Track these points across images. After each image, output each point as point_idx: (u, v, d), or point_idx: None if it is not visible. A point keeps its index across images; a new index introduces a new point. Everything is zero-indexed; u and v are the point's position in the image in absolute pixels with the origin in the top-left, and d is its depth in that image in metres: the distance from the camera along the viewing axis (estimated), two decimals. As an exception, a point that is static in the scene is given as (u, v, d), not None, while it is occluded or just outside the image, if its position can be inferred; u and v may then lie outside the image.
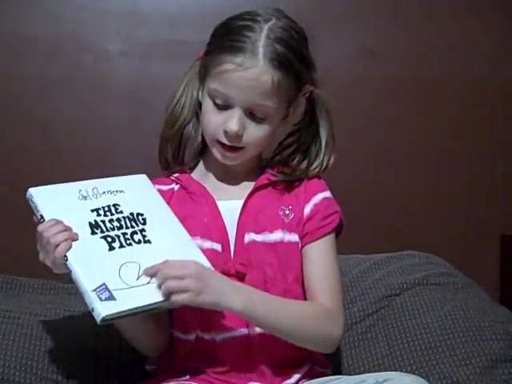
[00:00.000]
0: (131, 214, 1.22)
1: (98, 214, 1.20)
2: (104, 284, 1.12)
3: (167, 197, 1.30)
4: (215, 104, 1.25)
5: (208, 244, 1.26)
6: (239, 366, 1.25)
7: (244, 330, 1.24)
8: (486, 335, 1.46)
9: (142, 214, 1.23)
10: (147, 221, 1.23)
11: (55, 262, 1.14)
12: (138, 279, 1.15)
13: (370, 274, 1.65)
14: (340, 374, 1.34)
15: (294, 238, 1.29)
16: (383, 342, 1.50)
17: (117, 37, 1.96)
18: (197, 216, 1.28)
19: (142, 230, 1.21)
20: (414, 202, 2.06)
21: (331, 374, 1.31)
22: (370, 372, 1.42)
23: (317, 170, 1.32)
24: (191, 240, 1.23)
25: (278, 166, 1.34)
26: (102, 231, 1.18)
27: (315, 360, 1.30)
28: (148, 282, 1.15)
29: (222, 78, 1.23)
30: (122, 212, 1.22)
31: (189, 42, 1.92)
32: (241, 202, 1.29)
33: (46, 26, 1.93)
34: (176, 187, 1.34)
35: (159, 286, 1.14)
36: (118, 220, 1.21)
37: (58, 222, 1.14)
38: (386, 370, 1.42)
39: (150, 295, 1.14)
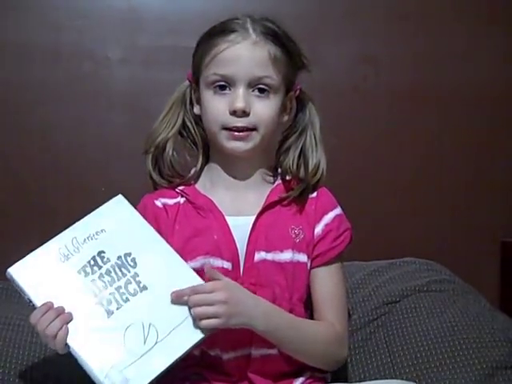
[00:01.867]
0: (119, 258, 1.18)
1: (86, 274, 1.16)
2: (113, 367, 1.10)
3: (173, 211, 1.29)
4: (216, 91, 1.25)
5: (219, 262, 1.24)
6: (240, 377, 1.25)
7: (247, 350, 1.24)
8: (486, 342, 1.46)
9: (129, 254, 1.18)
10: (137, 260, 1.18)
11: (58, 350, 1.13)
12: (145, 343, 1.12)
13: (371, 280, 1.65)
14: (340, 380, 1.34)
15: (302, 258, 1.28)
16: (383, 348, 1.49)
17: (117, 44, 1.96)
18: (206, 233, 1.26)
19: (135, 276, 1.17)
20: (414, 209, 2.06)
21: (331, 381, 1.32)
22: (370, 378, 1.43)
23: (316, 171, 1.30)
24: (182, 262, 1.19)
25: (284, 181, 1.32)
26: (95, 295, 1.15)
27: (313, 368, 1.29)
28: (156, 343, 1.12)
29: (218, 59, 1.24)
30: (109, 260, 1.17)
31: (189, 49, 1.88)
32: (250, 219, 1.27)
33: (46, 33, 1.93)
34: (182, 200, 1.31)
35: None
36: (108, 272, 1.16)
37: (49, 308, 1.12)
38: (386, 377, 1.42)
39: (161, 359, 1.12)
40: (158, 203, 1.31)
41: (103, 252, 1.17)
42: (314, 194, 1.32)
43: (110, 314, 1.13)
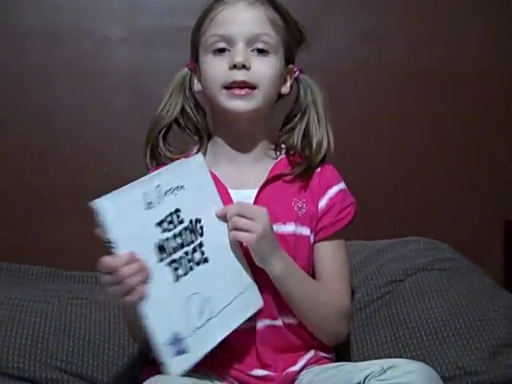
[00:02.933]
0: (191, 221, 1.14)
1: (163, 230, 1.11)
2: (174, 334, 1.08)
3: None
4: (215, 52, 1.26)
5: None
6: (244, 354, 1.25)
7: (253, 322, 1.24)
8: (491, 320, 1.46)
9: (199, 221, 1.15)
10: (204, 229, 1.16)
11: (127, 304, 1.08)
12: (201, 315, 1.13)
13: (374, 259, 1.65)
14: (345, 359, 1.34)
15: (305, 231, 1.28)
16: (387, 327, 1.49)
17: (117, 23, 1.95)
18: None
19: (201, 245, 1.15)
20: (418, 189, 2.06)
21: (336, 360, 1.32)
22: (374, 357, 1.42)
23: (319, 149, 1.30)
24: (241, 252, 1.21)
25: (288, 155, 1.32)
26: (168, 254, 1.11)
27: (319, 346, 1.30)
28: (210, 318, 1.14)
29: (216, 21, 1.26)
30: (182, 221, 1.13)
31: (190, 29, 1.88)
32: (253, 192, 1.28)
33: (45, 13, 1.92)
34: None
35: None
36: (180, 235, 1.13)
37: (133, 260, 1.06)
38: (390, 356, 1.42)
39: (214, 333, 1.14)
40: None
41: (179, 211, 1.13)
42: (318, 169, 1.32)
43: (177, 279, 1.11)
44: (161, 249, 1.10)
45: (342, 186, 1.33)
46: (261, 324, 1.24)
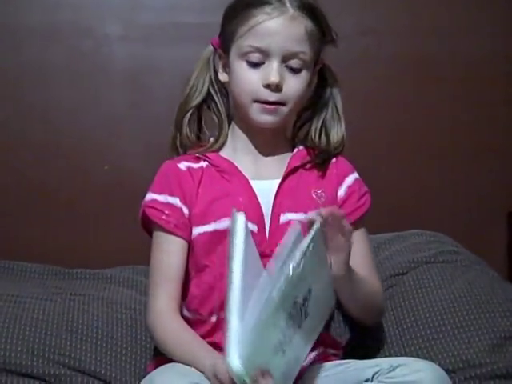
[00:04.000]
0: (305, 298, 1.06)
1: (288, 326, 1.04)
2: None
3: (198, 174, 1.29)
4: (250, 63, 1.26)
5: None
6: None
7: None
8: (495, 312, 1.46)
9: (310, 289, 1.07)
10: (312, 292, 1.07)
11: None
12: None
13: (377, 253, 1.64)
14: (350, 353, 1.34)
15: None
16: (391, 320, 1.49)
17: (116, 21, 1.95)
18: (232, 195, 1.27)
19: (307, 307, 1.08)
20: (420, 181, 2.06)
21: (342, 354, 1.33)
22: (378, 351, 1.43)
23: (339, 143, 1.34)
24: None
25: (305, 146, 1.34)
26: (281, 350, 1.04)
27: (327, 343, 1.30)
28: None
29: (254, 31, 1.24)
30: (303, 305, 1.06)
31: (190, 25, 1.91)
32: (273, 182, 1.29)
33: (44, 11, 1.93)
34: (204, 165, 1.31)
35: None
36: (295, 315, 1.05)
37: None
38: (394, 349, 1.43)
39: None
40: (182, 167, 1.31)
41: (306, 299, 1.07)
42: (334, 160, 1.35)
43: (283, 353, 1.05)
44: (276, 349, 1.03)
45: (356, 175, 1.36)
46: None
